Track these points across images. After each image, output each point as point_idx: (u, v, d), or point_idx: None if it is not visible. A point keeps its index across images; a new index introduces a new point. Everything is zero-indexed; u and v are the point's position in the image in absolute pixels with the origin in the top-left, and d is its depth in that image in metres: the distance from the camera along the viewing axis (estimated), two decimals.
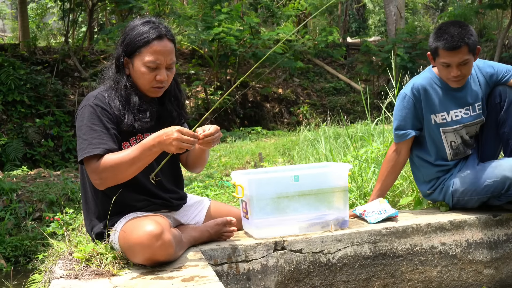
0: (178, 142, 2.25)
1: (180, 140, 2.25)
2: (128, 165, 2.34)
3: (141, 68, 2.48)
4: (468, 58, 2.88)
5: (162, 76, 2.49)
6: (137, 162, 2.34)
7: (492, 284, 2.95)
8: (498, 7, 13.24)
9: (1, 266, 6.18)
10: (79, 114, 2.48)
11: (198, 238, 2.66)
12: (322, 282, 2.72)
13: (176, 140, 2.25)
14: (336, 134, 7.33)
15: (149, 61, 2.46)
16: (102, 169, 2.36)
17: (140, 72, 2.48)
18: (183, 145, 2.27)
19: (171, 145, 2.27)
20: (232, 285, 2.59)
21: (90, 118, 2.43)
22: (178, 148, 2.28)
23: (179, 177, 2.81)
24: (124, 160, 2.34)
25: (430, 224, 2.90)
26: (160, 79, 2.49)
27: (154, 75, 2.48)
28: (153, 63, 2.46)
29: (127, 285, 2.17)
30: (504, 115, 2.98)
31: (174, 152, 2.32)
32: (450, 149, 3.10)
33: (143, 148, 2.33)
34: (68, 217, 5.70)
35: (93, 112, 2.44)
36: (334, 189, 2.82)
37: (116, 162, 2.34)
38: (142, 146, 2.33)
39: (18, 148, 10.52)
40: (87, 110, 2.45)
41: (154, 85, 2.51)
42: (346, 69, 15.96)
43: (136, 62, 2.49)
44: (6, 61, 11.43)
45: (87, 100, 2.50)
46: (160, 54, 2.47)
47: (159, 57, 2.47)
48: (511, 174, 2.84)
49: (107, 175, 2.37)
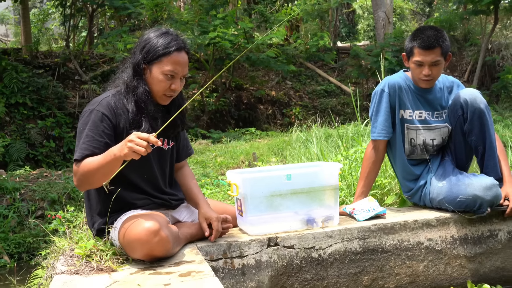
0: (132, 145, 2.17)
1: (134, 143, 2.17)
2: (95, 171, 2.32)
3: (159, 76, 2.49)
4: (440, 59, 2.96)
5: (176, 85, 2.53)
6: (102, 169, 2.31)
7: (476, 277, 2.97)
8: (482, 13, 13.29)
9: (5, 262, 6.16)
10: (83, 117, 2.49)
11: (195, 235, 2.66)
12: (313, 277, 2.73)
13: (130, 142, 2.18)
14: (327, 134, 7.34)
15: (168, 70, 2.48)
16: (78, 173, 2.38)
17: (157, 79, 2.50)
18: (135, 148, 2.16)
19: (125, 149, 2.19)
20: (228, 280, 2.59)
21: (89, 124, 2.44)
22: (131, 152, 2.17)
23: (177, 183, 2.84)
24: (92, 167, 2.33)
25: (417, 220, 2.91)
26: (175, 88, 2.52)
27: (170, 84, 2.51)
28: (171, 72, 2.49)
29: (126, 280, 2.17)
30: (469, 126, 3.00)
31: (128, 157, 2.20)
32: (408, 145, 3.15)
33: (107, 155, 2.30)
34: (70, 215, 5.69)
35: (94, 119, 2.44)
36: (325, 187, 2.83)
37: (88, 168, 2.34)
38: (107, 154, 2.30)
39: (21, 149, 10.50)
40: (90, 115, 2.46)
41: (167, 93, 2.54)
42: (336, 72, 15.96)
43: (154, 69, 2.50)
44: (9, 64, 11.40)
45: (92, 104, 2.50)
46: (178, 65, 2.50)
47: (177, 68, 2.50)
48: (481, 194, 2.86)
49: (81, 178, 2.38)
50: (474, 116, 2.97)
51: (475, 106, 2.96)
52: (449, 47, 3.02)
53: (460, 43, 15.63)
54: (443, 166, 3.14)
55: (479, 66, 13.45)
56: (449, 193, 2.98)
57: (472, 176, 2.97)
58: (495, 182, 2.90)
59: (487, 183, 2.87)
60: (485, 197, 2.86)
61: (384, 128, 3.12)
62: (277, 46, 13.74)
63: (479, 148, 3.04)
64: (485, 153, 3.03)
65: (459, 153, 3.14)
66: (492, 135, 3.02)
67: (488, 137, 3.00)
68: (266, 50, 12.87)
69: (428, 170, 3.17)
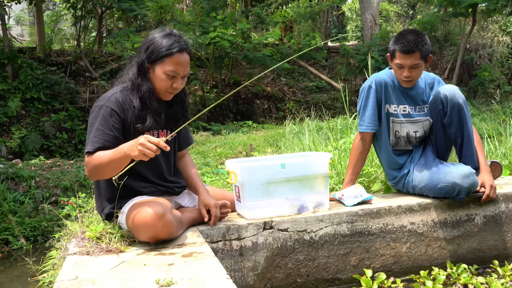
0: (142, 148, 2.16)
1: (144, 147, 2.17)
2: (106, 165, 2.32)
3: (161, 75, 2.47)
4: (419, 63, 2.95)
5: (178, 84, 2.51)
6: (112, 164, 2.31)
7: (454, 258, 2.98)
8: (461, 16, 13.28)
9: (22, 244, 6.16)
10: (94, 111, 2.47)
11: (196, 219, 2.67)
12: (305, 257, 2.74)
13: (141, 145, 2.17)
14: (318, 127, 7.33)
15: (169, 70, 2.46)
16: (90, 164, 2.37)
17: (160, 78, 2.48)
18: (146, 151, 2.16)
19: (135, 151, 2.19)
20: (226, 260, 2.60)
21: (99, 118, 2.42)
22: (141, 154, 2.18)
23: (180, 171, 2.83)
24: (103, 161, 2.32)
25: (400, 206, 2.92)
26: (176, 86, 2.51)
27: (172, 83, 2.49)
28: (173, 72, 2.47)
29: (133, 260, 2.17)
30: (448, 119, 3.00)
31: (137, 158, 2.21)
32: (393, 137, 3.15)
33: (118, 152, 2.29)
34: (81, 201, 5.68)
35: (104, 114, 2.43)
36: (316, 175, 2.83)
37: (99, 161, 2.34)
38: (118, 150, 2.29)
39: (36, 140, 10.49)
40: (100, 110, 2.44)
41: (169, 91, 2.52)
42: (327, 70, 15.94)
43: (157, 69, 2.48)
44: (25, 62, 11.37)
45: (102, 100, 2.49)
46: (179, 66, 2.47)
47: (179, 68, 2.48)
48: (460, 181, 2.87)
49: (92, 169, 2.37)
50: (453, 110, 2.97)
51: (454, 101, 2.96)
52: (429, 50, 3.00)
53: (441, 43, 15.63)
54: (424, 156, 3.14)
55: (458, 64, 13.46)
56: (430, 180, 2.99)
57: (451, 165, 2.98)
58: (472, 170, 2.91)
59: (465, 172, 2.88)
60: (463, 184, 2.86)
61: (371, 122, 3.12)
62: (273, 46, 13.73)
63: (457, 140, 3.05)
64: (463, 144, 3.03)
65: (440, 144, 3.14)
66: (469, 127, 3.02)
67: (466, 129, 3.00)
68: (262, 49, 12.85)
69: (411, 159, 3.18)
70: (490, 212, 3.06)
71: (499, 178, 3.46)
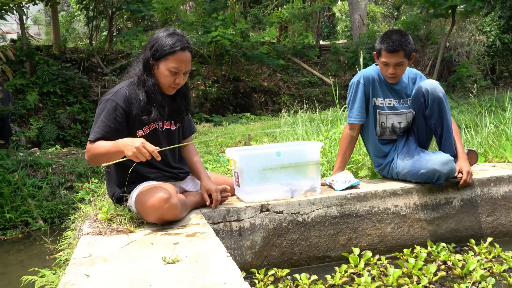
0: (137, 152, 2.19)
1: (139, 151, 2.20)
2: (102, 155, 2.34)
3: (165, 71, 2.46)
4: (403, 61, 2.94)
5: (180, 80, 2.49)
6: (108, 155, 2.32)
7: (434, 238, 2.99)
8: (441, 17, 13.24)
9: (40, 225, 6.17)
10: (101, 104, 2.47)
11: (199, 202, 2.67)
12: (299, 237, 2.74)
13: (137, 149, 2.19)
14: (311, 119, 7.33)
15: (172, 67, 2.44)
16: (90, 152, 2.40)
17: (163, 74, 2.47)
18: (139, 156, 2.20)
19: (130, 151, 2.21)
20: (227, 239, 2.60)
21: (105, 111, 2.42)
22: (134, 156, 2.21)
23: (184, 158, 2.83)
24: (101, 151, 2.34)
25: (385, 190, 2.92)
26: (179, 82, 2.49)
27: (174, 78, 2.47)
28: (176, 69, 2.45)
29: (142, 239, 2.17)
30: (429, 111, 3.00)
31: (130, 158, 2.23)
32: (379, 127, 3.14)
33: (114, 146, 2.30)
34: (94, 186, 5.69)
35: (109, 107, 2.42)
36: (309, 162, 2.83)
37: (97, 151, 2.36)
38: (114, 144, 2.30)
39: (52, 131, 10.47)
40: (106, 104, 2.44)
41: (172, 86, 2.50)
42: (319, 66, 15.90)
43: (161, 65, 2.46)
44: (42, 59, 11.33)
45: (109, 94, 2.48)
46: (182, 63, 2.45)
47: (181, 65, 2.46)
48: (439, 168, 2.87)
49: (91, 156, 2.40)
50: (434, 103, 2.97)
51: (434, 95, 2.95)
52: (413, 49, 2.99)
53: (423, 42, 15.60)
54: (407, 145, 3.14)
55: (438, 61, 13.44)
56: (412, 167, 2.99)
57: (432, 153, 2.98)
58: (451, 158, 2.91)
59: (444, 159, 2.88)
60: (443, 170, 2.87)
61: (359, 114, 3.11)
62: (269, 44, 13.67)
63: (437, 130, 3.04)
64: (442, 134, 3.03)
65: (421, 134, 3.14)
66: (448, 119, 3.02)
67: (445, 120, 3.00)
68: (260, 47, 12.80)
69: (395, 148, 3.18)
70: (467, 196, 3.06)
71: (475, 165, 3.47)
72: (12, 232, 6.04)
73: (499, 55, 15.45)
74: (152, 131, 2.55)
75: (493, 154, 3.86)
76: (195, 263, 1.81)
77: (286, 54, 14.59)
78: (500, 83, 15.20)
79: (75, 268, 1.82)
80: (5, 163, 6.75)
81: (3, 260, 5.11)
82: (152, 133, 2.54)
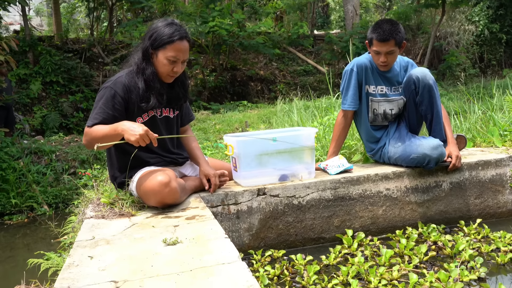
0: (141, 139, 2.19)
1: (143, 138, 2.19)
2: (99, 138, 2.31)
3: (163, 60, 2.44)
4: (394, 49, 2.92)
5: (178, 69, 2.47)
6: (106, 138, 2.29)
7: (424, 219, 3.00)
8: (432, 6, 13.18)
9: (45, 210, 6.18)
10: (101, 91, 2.46)
11: (198, 187, 2.66)
12: (294, 219, 2.75)
13: (140, 136, 2.18)
14: (305, 106, 7.32)
15: (171, 56, 2.42)
16: (87, 135, 2.37)
17: (162, 63, 2.45)
18: (141, 142, 2.20)
19: (133, 137, 2.19)
20: (225, 222, 2.61)
21: (104, 98, 2.41)
22: (136, 142, 2.20)
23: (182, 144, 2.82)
24: (98, 134, 2.31)
25: (377, 174, 2.93)
26: (177, 70, 2.47)
27: (172, 67, 2.45)
28: (174, 58, 2.43)
29: (143, 222, 2.17)
30: (420, 98, 2.99)
31: (131, 142, 2.22)
32: (372, 114, 3.14)
33: (113, 129, 2.27)
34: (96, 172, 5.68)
35: (108, 95, 2.41)
36: (304, 148, 2.82)
37: (95, 134, 2.33)
38: (113, 127, 2.27)
39: (55, 119, 10.44)
40: (105, 91, 2.43)
41: (170, 74, 2.48)
42: (313, 55, 15.84)
43: (160, 54, 2.44)
44: (44, 49, 11.25)
45: (108, 82, 2.47)
46: (180, 52, 2.44)
47: (179, 54, 2.44)
48: (429, 152, 2.87)
49: (89, 140, 2.36)
50: (424, 90, 2.96)
51: (425, 82, 2.95)
52: (403, 37, 2.97)
53: (414, 31, 15.55)
54: (399, 130, 3.14)
55: (429, 50, 13.41)
56: (403, 152, 2.99)
57: (422, 138, 2.98)
58: (440, 143, 2.91)
59: (434, 144, 2.88)
60: (433, 155, 2.87)
61: (353, 101, 3.10)
62: (265, 34, 13.60)
63: (428, 116, 3.04)
64: (432, 120, 3.03)
65: (412, 120, 3.13)
66: (438, 105, 3.02)
67: (435, 107, 3.00)
68: (256, 37, 12.73)
69: (387, 134, 3.17)
70: (456, 179, 3.07)
71: (464, 149, 3.48)
72: (18, 217, 6.05)
73: (487, 44, 15.43)
74: (151, 118, 2.54)
75: (481, 139, 3.87)
76: (194, 244, 1.82)
77: (281, 44, 14.52)
78: (488, 71, 15.20)
79: (79, 250, 1.82)
80: (10, 151, 6.73)
81: (10, 243, 5.11)
82: (151, 120, 2.53)
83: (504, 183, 3.16)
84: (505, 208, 3.18)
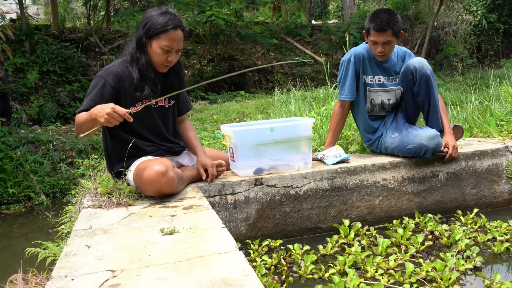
0: (109, 117, 2.16)
1: (110, 116, 2.16)
2: (81, 124, 2.31)
3: (157, 49, 2.43)
4: (391, 39, 2.91)
5: (172, 58, 2.46)
6: (85, 124, 2.29)
7: (420, 209, 3.01)
8: None
9: (42, 200, 6.17)
10: (94, 80, 2.45)
11: (195, 177, 2.66)
12: (291, 209, 2.76)
13: (108, 115, 2.16)
14: (303, 96, 7.31)
15: (165, 45, 2.41)
16: (75, 122, 2.37)
17: (156, 52, 2.44)
18: (112, 120, 2.18)
19: (102, 118, 2.17)
20: (222, 212, 2.61)
21: (96, 88, 2.41)
22: (107, 122, 2.18)
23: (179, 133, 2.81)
24: (80, 121, 2.32)
25: (374, 164, 2.93)
26: (171, 60, 2.46)
27: (167, 56, 2.44)
28: (168, 47, 2.42)
29: (140, 212, 2.17)
30: (417, 88, 2.99)
31: (104, 124, 2.20)
32: (369, 104, 3.14)
33: (88, 115, 2.26)
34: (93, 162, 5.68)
35: (98, 84, 2.41)
36: (301, 138, 2.82)
37: (78, 120, 2.33)
38: (89, 113, 2.26)
39: (52, 108, 10.39)
40: (98, 80, 2.43)
41: (164, 63, 2.47)
42: (311, 45, 15.77)
43: (154, 44, 2.43)
44: (41, 38, 11.18)
45: (101, 71, 2.47)
46: (174, 41, 2.42)
47: (173, 43, 2.42)
48: (426, 142, 2.87)
49: (76, 125, 2.36)
50: (422, 80, 2.95)
51: (422, 72, 2.94)
52: (401, 27, 2.95)
53: (411, 21, 15.49)
54: (396, 121, 3.14)
55: (426, 40, 13.38)
56: (400, 142, 2.99)
57: (419, 128, 2.98)
58: (437, 133, 2.91)
59: (431, 134, 2.88)
60: (429, 145, 2.87)
61: (350, 91, 3.10)
62: (263, 24, 13.53)
63: (425, 106, 3.04)
64: (429, 110, 3.03)
65: (409, 110, 3.13)
66: (435, 95, 3.01)
67: (432, 97, 2.99)
68: (253, 27, 12.67)
69: (384, 124, 3.17)
70: (452, 169, 3.08)
71: (460, 139, 3.48)
72: (15, 206, 6.04)
73: (484, 34, 15.40)
74: (145, 108, 2.53)
75: (477, 129, 3.87)
76: (191, 234, 1.82)
77: (279, 34, 14.45)
78: (485, 62, 15.18)
79: (76, 240, 1.82)
80: (7, 140, 6.71)
81: (8, 233, 5.12)
82: (145, 109, 2.52)
83: (500, 173, 3.17)
84: (501, 198, 3.19)
